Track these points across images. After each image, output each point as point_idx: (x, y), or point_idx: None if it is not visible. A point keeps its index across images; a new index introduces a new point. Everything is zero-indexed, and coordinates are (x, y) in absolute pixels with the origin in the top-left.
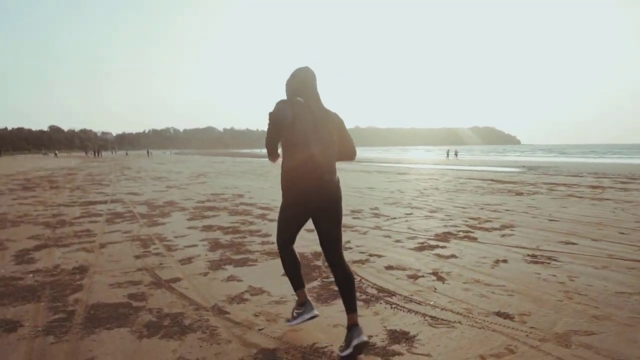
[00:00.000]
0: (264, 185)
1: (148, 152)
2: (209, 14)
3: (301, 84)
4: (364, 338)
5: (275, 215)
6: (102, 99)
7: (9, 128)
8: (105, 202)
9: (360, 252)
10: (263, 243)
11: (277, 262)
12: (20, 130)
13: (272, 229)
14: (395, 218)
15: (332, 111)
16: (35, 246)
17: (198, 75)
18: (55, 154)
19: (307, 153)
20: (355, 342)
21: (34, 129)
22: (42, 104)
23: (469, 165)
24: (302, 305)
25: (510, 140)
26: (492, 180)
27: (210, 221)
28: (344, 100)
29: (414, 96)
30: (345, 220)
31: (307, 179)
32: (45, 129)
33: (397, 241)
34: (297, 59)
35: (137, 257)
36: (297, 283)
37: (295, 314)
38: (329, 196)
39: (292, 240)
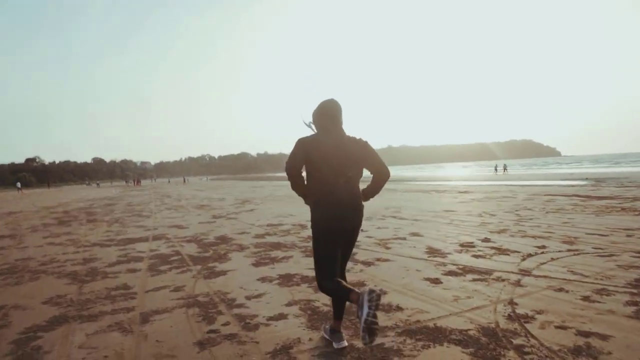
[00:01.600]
0: None
1: (184, 179)
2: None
3: (325, 116)
4: (371, 288)
5: (366, 253)
6: (142, 129)
7: (57, 161)
8: (146, 240)
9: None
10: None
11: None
12: (66, 163)
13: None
14: (544, 263)
15: (356, 138)
16: (49, 320)
17: (231, 102)
18: (97, 184)
19: (327, 186)
20: (366, 296)
21: (78, 161)
22: (87, 137)
23: (526, 180)
24: (334, 333)
25: (550, 153)
26: (576, 195)
27: (285, 267)
28: (376, 120)
29: (446, 113)
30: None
31: (336, 210)
32: (89, 161)
33: (587, 300)
34: (327, 81)
35: (200, 344)
36: (337, 313)
37: (327, 332)
38: (356, 223)
39: (335, 274)
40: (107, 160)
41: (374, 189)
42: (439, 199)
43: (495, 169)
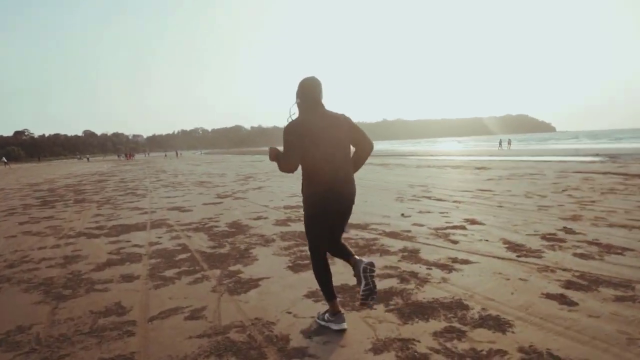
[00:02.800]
0: None
1: (177, 153)
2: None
3: (308, 94)
4: (365, 261)
5: (431, 250)
6: (135, 101)
7: (47, 135)
8: (143, 227)
9: None
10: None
11: None
12: (56, 136)
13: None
14: None
15: (338, 114)
16: None
17: (227, 75)
18: (88, 158)
19: (322, 166)
20: (361, 268)
21: (70, 134)
22: (79, 109)
23: (536, 156)
24: (335, 315)
25: (545, 128)
26: (610, 173)
27: (336, 272)
28: (371, 94)
29: (442, 87)
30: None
31: (324, 186)
32: (80, 134)
33: None
34: (322, 55)
35: None
36: (331, 294)
37: (325, 318)
38: (348, 200)
39: (326, 250)
40: (99, 133)
41: (358, 164)
42: (461, 175)
43: (500, 144)
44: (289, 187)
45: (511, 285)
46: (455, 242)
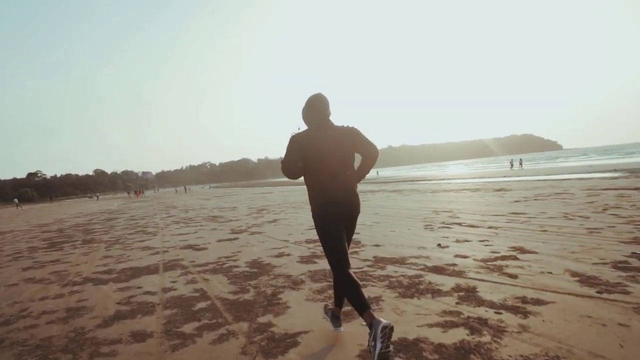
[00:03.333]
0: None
1: (185, 188)
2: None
3: (314, 111)
4: (384, 322)
5: (490, 288)
6: (143, 139)
7: (59, 175)
8: (155, 270)
9: None
10: None
11: None
12: (68, 176)
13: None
14: None
15: (345, 127)
16: None
17: (230, 108)
18: (97, 197)
19: (326, 176)
20: (379, 331)
21: (80, 174)
22: (88, 148)
23: (550, 175)
24: (336, 319)
25: (551, 146)
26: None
27: (392, 322)
28: (375, 121)
29: (445, 111)
30: None
31: (326, 197)
32: (91, 173)
33: None
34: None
35: None
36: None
37: (328, 315)
38: (348, 209)
39: (348, 261)
40: (109, 171)
41: (364, 170)
42: (483, 198)
43: (512, 165)
44: (306, 219)
45: (613, 334)
46: (513, 276)
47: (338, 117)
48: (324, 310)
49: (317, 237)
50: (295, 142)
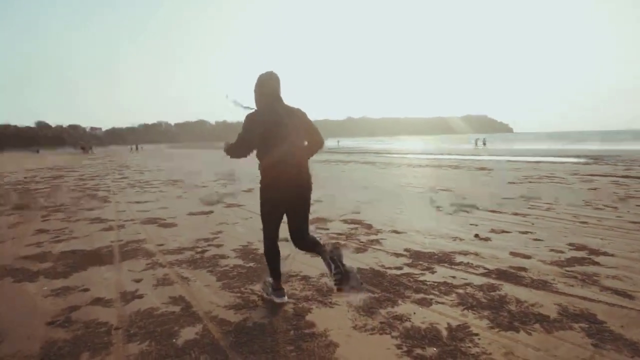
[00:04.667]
0: (348, 187)
1: (137, 147)
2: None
3: (264, 87)
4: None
5: (573, 293)
6: (92, 92)
7: None
8: (109, 258)
9: None
10: None
11: None
12: (6, 127)
13: None
14: None
15: (295, 108)
16: None
17: (190, 70)
18: (37, 150)
19: (277, 153)
20: (329, 256)
21: (19, 125)
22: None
23: (518, 156)
24: (276, 290)
25: (503, 129)
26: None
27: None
28: (336, 91)
29: (406, 85)
30: None
31: (282, 176)
32: (32, 125)
33: None
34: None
35: None
36: (277, 273)
37: (269, 292)
38: (303, 186)
39: (276, 237)
40: (53, 125)
41: (310, 153)
42: (473, 177)
43: (475, 143)
44: None
45: None
46: (625, 294)
47: (301, 85)
48: (262, 287)
49: (319, 216)
50: (254, 121)
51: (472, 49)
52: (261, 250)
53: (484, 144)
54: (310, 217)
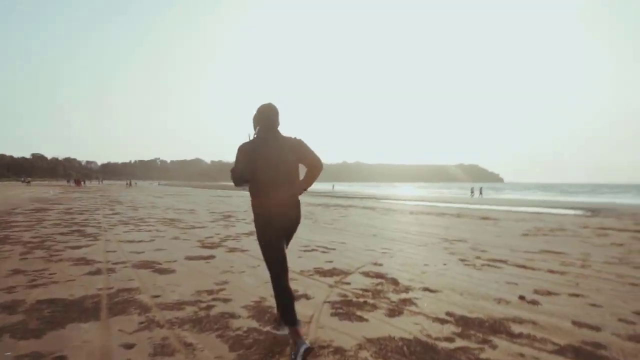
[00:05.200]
0: (348, 237)
1: (130, 182)
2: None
3: (264, 119)
4: (307, 345)
5: None
6: (90, 127)
7: None
8: (95, 315)
9: None
10: None
11: None
12: (1, 157)
13: None
14: None
15: (292, 138)
16: None
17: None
18: (28, 181)
19: (269, 185)
20: (302, 351)
21: (15, 155)
22: (28, 130)
23: (518, 206)
24: (280, 324)
25: (494, 178)
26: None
27: None
28: (332, 136)
29: (400, 132)
30: None
31: (268, 205)
32: (28, 156)
33: None
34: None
35: None
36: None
37: (279, 327)
38: (289, 219)
39: (287, 271)
40: (49, 157)
41: (309, 181)
42: (479, 227)
43: (472, 192)
44: (301, 234)
45: None
46: None
47: (293, 129)
48: (273, 327)
49: (336, 267)
50: (243, 151)
51: (465, 98)
52: (253, 288)
53: (481, 193)
54: (326, 268)
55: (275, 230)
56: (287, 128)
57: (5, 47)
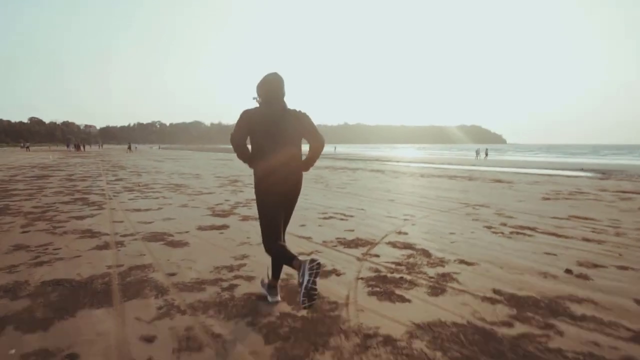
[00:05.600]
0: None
1: (130, 147)
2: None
3: (268, 88)
4: (311, 258)
5: None
6: (89, 89)
7: None
8: (106, 300)
9: None
10: None
11: None
12: None
13: None
14: None
15: (297, 110)
16: None
17: (189, 67)
18: (27, 146)
19: (270, 152)
20: (307, 266)
21: (13, 120)
22: (26, 94)
23: (523, 168)
24: (271, 289)
25: (496, 140)
26: None
27: None
28: (333, 97)
29: (401, 93)
30: None
31: (274, 174)
32: (26, 120)
33: None
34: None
35: None
36: (277, 273)
37: (265, 287)
38: (293, 186)
39: (280, 234)
40: (47, 121)
41: (313, 158)
42: (495, 190)
43: (477, 154)
44: (308, 199)
45: None
46: None
47: (297, 90)
48: (260, 284)
49: (359, 236)
50: (245, 117)
51: (467, 60)
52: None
53: (486, 155)
54: (349, 238)
55: (272, 194)
56: (291, 93)
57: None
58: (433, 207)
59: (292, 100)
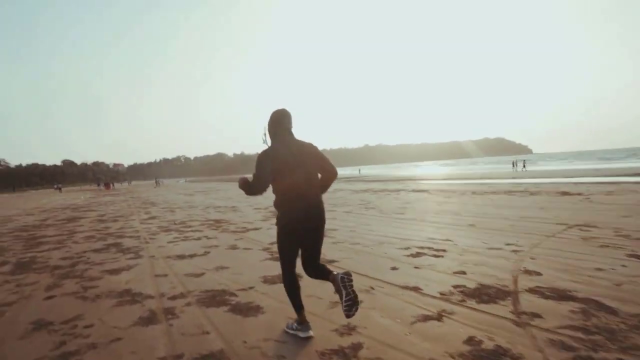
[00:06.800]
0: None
1: (157, 182)
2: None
3: (278, 124)
4: (340, 274)
5: None
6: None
7: (24, 164)
8: None
9: None
10: None
11: None
12: (34, 166)
13: None
14: None
15: (305, 142)
16: None
17: (207, 102)
18: (59, 187)
19: (292, 186)
20: (339, 282)
21: (47, 164)
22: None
23: (576, 177)
24: (301, 324)
25: (522, 150)
26: None
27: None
28: (353, 120)
29: (420, 111)
30: None
31: (296, 207)
32: (59, 163)
33: None
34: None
35: None
36: (299, 305)
37: (294, 327)
38: (317, 218)
39: (294, 264)
40: (78, 162)
41: (325, 188)
42: (572, 204)
43: (514, 165)
44: (383, 229)
45: None
46: None
47: (319, 117)
48: (286, 327)
49: (480, 281)
50: (266, 157)
51: (487, 73)
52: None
53: (524, 166)
54: (470, 285)
55: (295, 234)
56: (312, 120)
57: (34, 46)
58: (532, 232)
59: (315, 128)
